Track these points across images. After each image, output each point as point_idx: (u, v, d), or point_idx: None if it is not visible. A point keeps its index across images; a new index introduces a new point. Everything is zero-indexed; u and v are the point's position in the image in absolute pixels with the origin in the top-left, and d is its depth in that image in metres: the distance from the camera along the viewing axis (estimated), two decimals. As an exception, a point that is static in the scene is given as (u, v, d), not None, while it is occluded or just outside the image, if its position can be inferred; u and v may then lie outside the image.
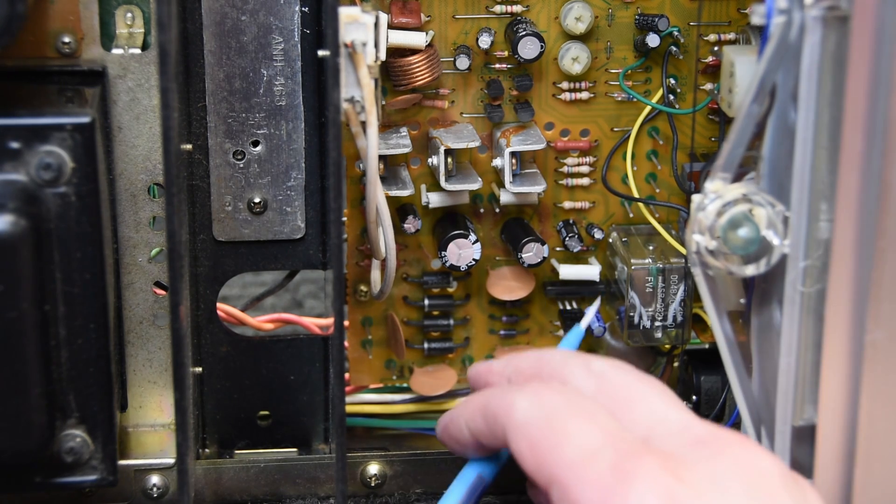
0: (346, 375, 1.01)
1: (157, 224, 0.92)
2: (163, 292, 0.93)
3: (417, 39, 0.93)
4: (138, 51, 0.89)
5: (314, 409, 0.98)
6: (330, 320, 0.93)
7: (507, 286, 1.00)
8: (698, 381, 1.00)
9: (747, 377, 0.83)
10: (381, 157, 0.92)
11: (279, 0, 0.90)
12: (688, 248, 0.80)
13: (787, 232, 0.78)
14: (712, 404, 0.99)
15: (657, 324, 0.97)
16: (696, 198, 0.79)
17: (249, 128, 0.92)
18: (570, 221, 0.99)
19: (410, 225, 0.96)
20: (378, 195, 0.89)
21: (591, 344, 1.03)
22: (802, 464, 0.81)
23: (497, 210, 0.99)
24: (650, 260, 0.96)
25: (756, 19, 0.77)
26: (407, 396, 1.02)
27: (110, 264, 0.87)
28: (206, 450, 0.98)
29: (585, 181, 0.99)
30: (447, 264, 0.96)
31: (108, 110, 0.89)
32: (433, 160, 0.96)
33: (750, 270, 0.79)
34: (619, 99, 0.97)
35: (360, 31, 0.83)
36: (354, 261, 0.99)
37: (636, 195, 0.98)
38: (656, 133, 0.98)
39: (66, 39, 0.88)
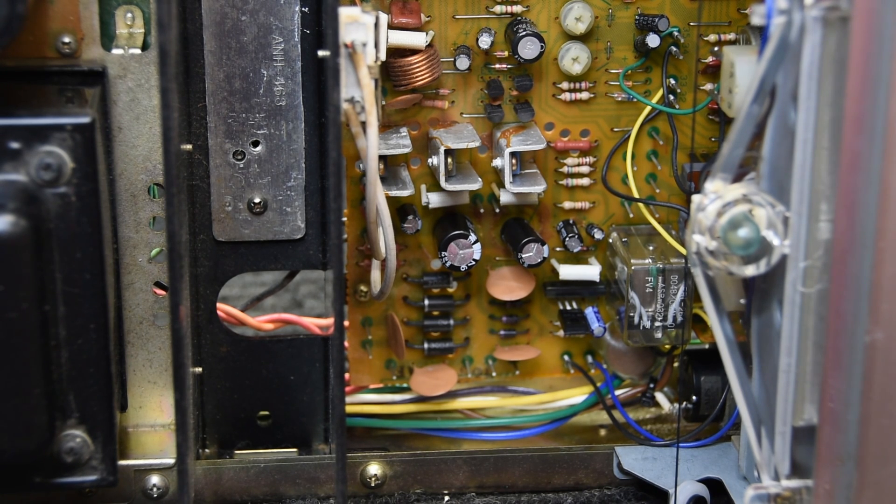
0: (346, 375, 1.01)
1: (157, 224, 0.92)
2: (163, 292, 0.93)
3: (417, 39, 0.93)
4: (138, 51, 0.89)
5: (314, 409, 0.98)
6: (330, 320, 0.93)
7: (507, 286, 1.00)
8: (698, 381, 1.00)
9: (747, 377, 0.83)
10: (381, 158, 0.92)
11: (279, 0, 0.90)
12: (688, 248, 0.80)
13: (787, 232, 0.78)
14: (712, 404, 0.99)
15: (657, 324, 0.97)
16: (696, 198, 0.79)
17: (249, 128, 0.92)
18: (570, 221, 0.99)
19: (410, 225, 0.96)
20: (378, 195, 0.89)
21: (591, 344, 1.03)
22: (802, 464, 0.81)
23: (497, 210, 0.99)
24: (650, 260, 0.96)
25: (756, 19, 0.77)
26: (407, 396, 1.02)
27: (110, 264, 0.87)
28: (206, 450, 0.98)
29: (585, 181, 0.99)
30: (447, 264, 0.96)
31: (108, 110, 0.89)
32: (433, 160, 0.96)
33: (750, 271, 0.79)
34: (619, 99, 0.97)
35: (360, 31, 0.83)
36: (354, 261, 0.99)
37: (636, 195, 0.98)
38: (656, 133, 0.98)
39: (66, 39, 0.88)
